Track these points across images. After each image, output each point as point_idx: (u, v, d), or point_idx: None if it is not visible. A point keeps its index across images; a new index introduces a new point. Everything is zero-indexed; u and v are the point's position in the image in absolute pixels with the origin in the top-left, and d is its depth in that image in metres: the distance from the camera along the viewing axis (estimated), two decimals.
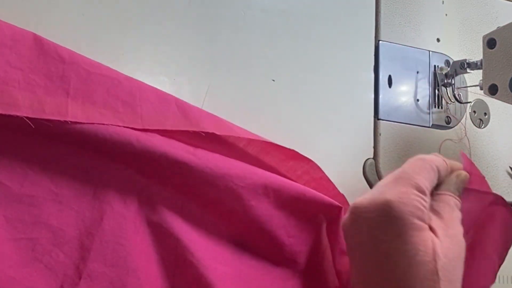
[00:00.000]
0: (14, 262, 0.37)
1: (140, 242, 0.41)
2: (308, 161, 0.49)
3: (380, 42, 0.58)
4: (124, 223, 0.41)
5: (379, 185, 0.41)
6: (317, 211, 0.48)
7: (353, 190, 0.54)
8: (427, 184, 0.40)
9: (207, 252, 0.43)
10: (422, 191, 0.39)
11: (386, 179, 0.41)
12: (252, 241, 0.45)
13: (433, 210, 0.41)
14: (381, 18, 0.58)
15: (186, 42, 0.48)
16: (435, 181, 0.42)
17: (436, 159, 0.43)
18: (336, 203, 0.48)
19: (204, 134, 0.44)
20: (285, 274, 0.47)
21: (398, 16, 0.59)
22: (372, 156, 0.56)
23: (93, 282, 0.39)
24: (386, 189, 0.40)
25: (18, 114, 0.37)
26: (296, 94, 0.53)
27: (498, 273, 0.50)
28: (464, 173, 0.44)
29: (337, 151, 0.54)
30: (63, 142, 0.40)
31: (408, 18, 0.60)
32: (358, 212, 0.40)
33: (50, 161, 0.40)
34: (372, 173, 0.55)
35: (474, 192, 0.47)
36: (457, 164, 0.45)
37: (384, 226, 0.38)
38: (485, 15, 0.65)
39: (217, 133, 0.44)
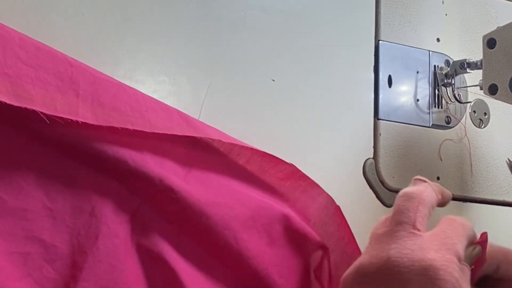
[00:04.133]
0: (8, 274, 0.37)
1: (132, 264, 0.41)
2: (306, 178, 0.48)
3: (380, 42, 0.58)
4: (119, 243, 0.40)
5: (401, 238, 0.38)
6: (307, 250, 0.48)
7: (353, 190, 0.54)
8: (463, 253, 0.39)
9: (196, 282, 0.42)
10: (460, 261, 0.38)
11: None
12: (242, 275, 0.44)
13: None
14: (381, 18, 0.58)
15: (186, 42, 0.48)
16: None
17: (471, 227, 0.42)
18: (321, 243, 0.48)
19: (211, 141, 0.44)
20: None
21: (398, 16, 0.59)
22: (372, 156, 0.56)
23: None
24: (431, 249, 0.37)
25: (33, 107, 0.37)
26: (296, 94, 0.53)
27: None
28: (478, 247, 0.42)
29: (337, 151, 0.54)
30: (60, 155, 0.40)
31: (408, 18, 0.60)
32: (397, 268, 0.37)
33: (46, 175, 0.39)
34: (372, 173, 0.55)
35: None
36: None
37: None
38: (485, 15, 0.65)
39: (223, 140, 0.44)
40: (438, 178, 0.58)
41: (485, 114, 0.62)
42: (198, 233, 0.43)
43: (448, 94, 0.60)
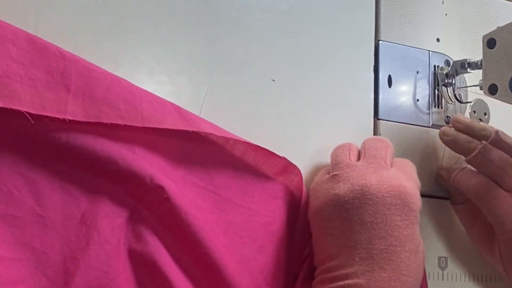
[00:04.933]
0: (3, 280, 0.37)
1: (124, 270, 0.40)
2: (298, 172, 0.49)
3: (380, 42, 0.58)
4: (110, 250, 0.39)
5: (381, 166, 0.45)
6: (294, 258, 0.48)
7: None
8: None
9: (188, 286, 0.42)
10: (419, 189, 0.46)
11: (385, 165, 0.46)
12: (231, 284, 0.44)
13: None
14: (381, 18, 0.58)
15: (186, 42, 0.48)
16: None
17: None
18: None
19: (203, 135, 0.44)
20: None
21: (398, 16, 0.59)
22: None
23: None
24: (401, 179, 0.44)
25: (19, 108, 0.37)
26: (296, 94, 0.53)
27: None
28: None
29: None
30: (51, 160, 0.39)
31: (408, 18, 0.60)
32: (374, 192, 0.43)
33: (37, 181, 0.39)
34: None
35: None
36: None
37: (400, 213, 0.43)
38: (485, 15, 0.65)
39: (216, 134, 0.44)
40: None
41: (485, 114, 0.62)
42: (184, 237, 0.42)
43: (448, 94, 0.60)
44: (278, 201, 0.48)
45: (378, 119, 0.56)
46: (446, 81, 0.60)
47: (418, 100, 0.59)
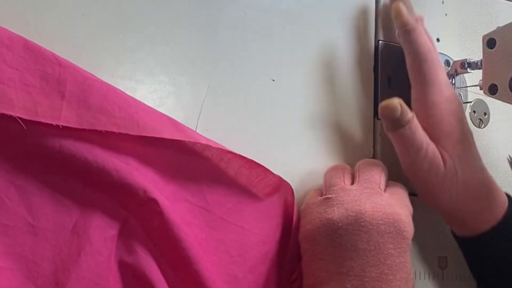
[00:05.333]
0: None
1: (115, 282, 0.40)
2: (291, 192, 0.48)
3: (380, 42, 0.58)
4: (102, 261, 0.39)
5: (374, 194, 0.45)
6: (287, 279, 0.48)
7: None
8: None
9: None
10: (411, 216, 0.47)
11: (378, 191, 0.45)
12: None
13: None
14: (381, 18, 0.58)
15: (186, 42, 0.48)
16: None
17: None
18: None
19: (199, 147, 0.43)
20: None
21: None
22: (372, 156, 0.56)
23: None
24: (395, 206, 0.44)
25: (11, 113, 0.36)
26: (296, 94, 0.53)
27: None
28: None
29: (337, 151, 0.54)
30: (44, 169, 0.39)
31: None
32: (368, 219, 0.42)
33: (29, 190, 0.39)
34: None
35: None
36: None
37: (393, 241, 0.43)
38: (485, 15, 0.65)
39: (212, 145, 0.44)
40: None
41: (485, 114, 0.62)
42: (174, 252, 0.42)
43: None
44: (272, 220, 0.48)
45: (378, 119, 0.56)
46: None
47: None
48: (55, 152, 0.39)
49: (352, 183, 0.47)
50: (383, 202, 0.44)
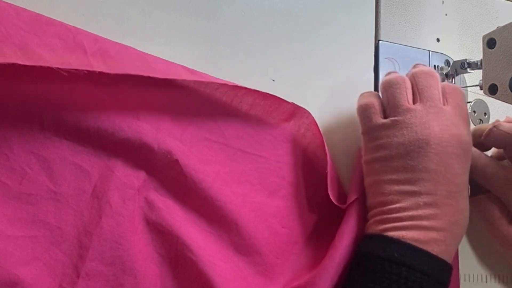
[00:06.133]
0: (16, 260, 0.37)
1: (138, 241, 0.41)
2: (308, 115, 0.50)
3: (380, 42, 0.58)
4: (122, 221, 0.40)
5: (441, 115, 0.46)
6: (313, 199, 0.49)
7: None
8: None
9: (206, 249, 0.43)
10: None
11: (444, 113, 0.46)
12: (248, 232, 0.45)
13: None
14: (381, 18, 0.58)
15: (186, 42, 0.48)
16: None
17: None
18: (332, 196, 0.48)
19: (213, 85, 0.45)
20: (284, 269, 0.47)
21: (398, 16, 0.59)
22: None
23: (91, 281, 0.39)
24: (459, 125, 0.46)
25: (47, 65, 0.37)
26: (296, 94, 0.53)
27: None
28: None
29: (337, 152, 0.54)
30: (61, 137, 0.40)
31: (408, 18, 0.60)
32: (438, 142, 0.45)
33: (49, 159, 0.40)
34: None
35: None
36: None
37: (459, 161, 0.45)
38: (485, 15, 0.65)
39: (229, 84, 0.45)
40: None
41: (485, 114, 0.62)
42: (196, 196, 0.43)
43: None
44: (287, 145, 0.49)
45: None
46: (446, 81, 0.60)
47: None
48: (70, 118, 0.40)
49: (413, 98, 0.47)
50: (448, 122, 0.46)
